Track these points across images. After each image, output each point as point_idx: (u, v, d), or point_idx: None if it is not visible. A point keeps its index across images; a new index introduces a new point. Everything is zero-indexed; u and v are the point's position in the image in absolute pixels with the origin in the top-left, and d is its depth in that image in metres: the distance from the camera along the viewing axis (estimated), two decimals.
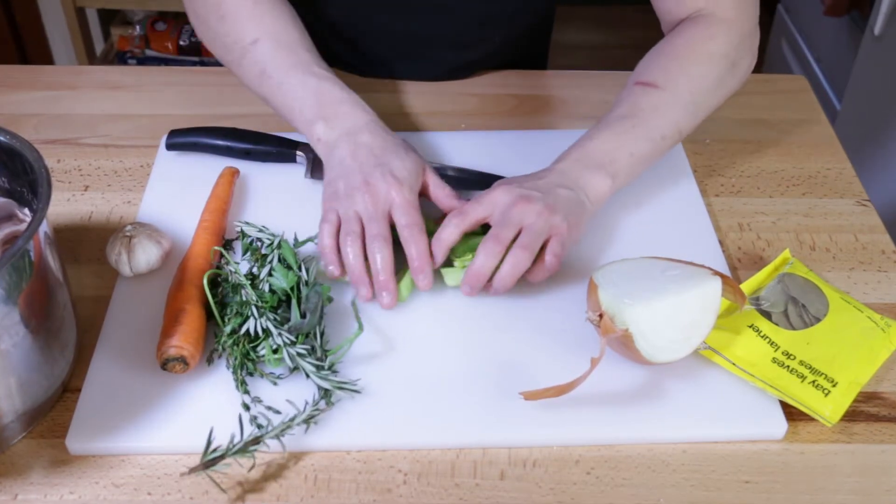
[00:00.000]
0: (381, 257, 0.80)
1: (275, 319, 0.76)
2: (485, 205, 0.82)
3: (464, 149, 1.01)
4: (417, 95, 1.11)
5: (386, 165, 0.83)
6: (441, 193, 0.86)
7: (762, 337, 0.78)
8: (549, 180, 0.84)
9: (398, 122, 1.06)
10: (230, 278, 0.80)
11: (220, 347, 0.77)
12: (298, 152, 0.96)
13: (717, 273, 0.76)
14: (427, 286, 0.81)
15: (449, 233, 0.82)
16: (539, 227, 0.80)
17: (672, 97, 0.88)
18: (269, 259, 0.81)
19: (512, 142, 1.01)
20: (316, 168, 0.95)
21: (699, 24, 0.92)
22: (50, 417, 0.75)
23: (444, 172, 0.95)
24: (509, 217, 0.80)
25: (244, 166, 0.97)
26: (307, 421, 0.72)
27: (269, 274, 0.79)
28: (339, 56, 1.13)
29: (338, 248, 0.82)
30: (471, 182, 0.95)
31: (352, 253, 0.80)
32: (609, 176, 0.85)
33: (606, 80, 1.13)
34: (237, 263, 0.82)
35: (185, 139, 0.98)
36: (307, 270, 0.81)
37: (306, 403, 0.73)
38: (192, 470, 0.68)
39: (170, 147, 0.98)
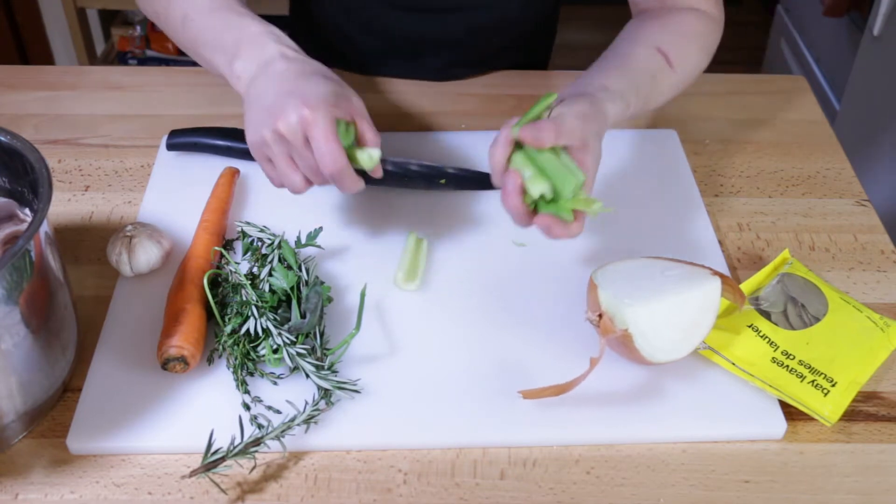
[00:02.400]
0: (313, 172, 0.78)
1: (275, 319, 0.76)
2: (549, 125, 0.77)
3: (464, 149, 1.01)
4: (418, 95, 1.11)
5: (293, 93, 0.77)
6: (364, 126, 0.80)
7: (761, 337, 0.78)
8: (600, 125, 0.80)
9: (398, 122, 1.06)
10: (230, 278, 0.80)
11: (221, 347, 0.77)
12: None
13: (716, 273, 0.77)
14: (353, 190, 0.79)
15: (500, 152, 0.78)
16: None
17: (677, 83, 0.91)
18: (269, 259, 0.81)
19: None
20: None
21: (700, 18, 0.93)
22: (51, 417, 0.75)
23: (443, 171, 0.95)
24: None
25: (244, 166, 0.97)
26: (307, 421, 0.72)
27: (270, 274, 0.80)
28: (342, 55, 1.13)
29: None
30: (470, 181, 0.95)
31: (296, 181, 0.79)
32: (623, 107, 0.85)
33: None
34: (237, 263, 0.82)
35: (185, 139, 0.98)
36: (307, 270, 0.81)
37: (306, 403, 0.73)
38: (194, 472, 0.68)
39: (170, 147, 0.98)
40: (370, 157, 0.79)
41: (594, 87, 0.83)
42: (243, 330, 0.76)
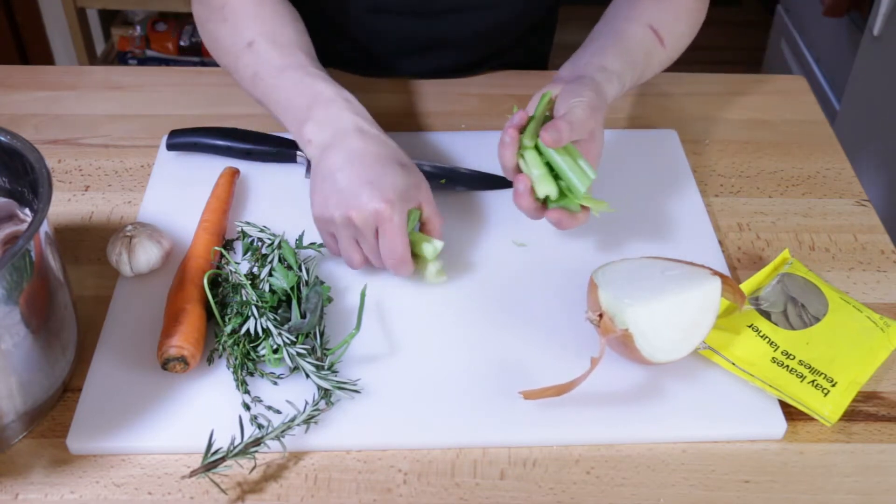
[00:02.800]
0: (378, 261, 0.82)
1: (275, 319, 0.76)
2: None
3: (464, 149, 1.01)
4: (418, 95, 1.11)
5: (374, 183, 0.78)
6: (432, 216, 0.84)
7: (761, 337, 0.78)
8: (603, 111, 0.84)
9: (399, 122, 1.06)
10: (230, 278, 0.80)
11: (221, 347, 0.77)
12: (298, 152, 0.97)
13: (716, 273, 0.77)
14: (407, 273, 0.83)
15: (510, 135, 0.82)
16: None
17: (667, 60, 0.94)
18: (269, 259, 0.81)
19: None
20: None
21: None
22: (51, 417, 0.75)
23: (445, 171, 0.95)
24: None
25: (244, 166, 0.97)
26: (307, 421, 0.72)
27: (270, 274, 0.80)
28: (341, 54, 1.13)
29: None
30: (472, 181, 0.95)
31: (356, 258, 0.83)
32: (616, 87, 0.88)
33: None
34: (237, 263, 0.82)
35: (185, 139, 0.98)
36: (307, 270, 0.81)
37: (306, 403, 0.73)
38: (194, 472, 0.68)
39: (170, 147, 0.98)
40: (434, 248, 0.83)
41: (593, 67, 0.86)
42: (243, 330, 0.76)
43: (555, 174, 0.81)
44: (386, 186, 0.78)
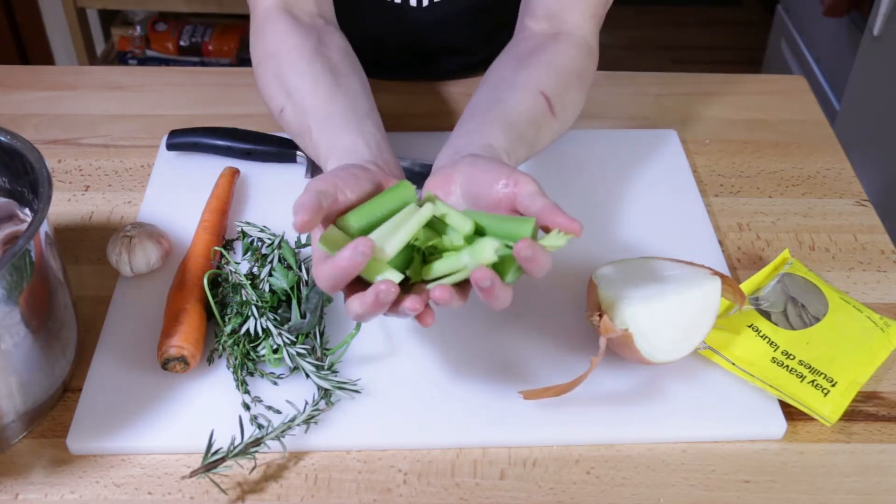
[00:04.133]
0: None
1: (275, 319, 0.76)
2: None
3: None
4: (419, 96, 1.11)
5: None
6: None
7: (761, 337, 0.78)
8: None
9: (399, 122, 1.06)
10: (230, 278, 0.80)
11: (221, 347, 0.77)
12: (298, 153, 0.97)
13: (716, 273, 0.77)
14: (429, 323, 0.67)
15: None
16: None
17: (559, 130, 0.84)
18: (269, 259, 0.81)
19: None
20: (316, 169, 0.95)
21: (581, 51, 0.87)
22: (51, 417, 0.75)
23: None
24: None
25: (244, 166, 0.97)
26: (307, 421, 0.72)
27: (270, 274, 0.80)
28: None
29: None
30: None
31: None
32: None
33: (606, 80, 1.13)
34: (237, 263, 0.82)
35: (185, 139, 0.98)
36: (307, 270, 0.81)
37: (306, 403, 0.73)
38: (194, 473, 0.68)
39: (170, 147, 0.98)
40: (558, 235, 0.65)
41: (475, 146, 0.74)
42: (243, 330, 0.76)
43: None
44: None
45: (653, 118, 1.08)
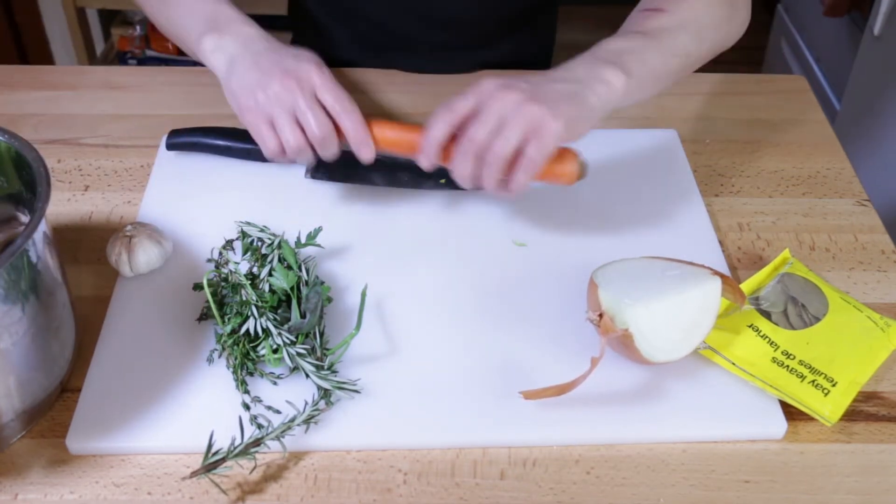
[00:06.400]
0: (332, 149, 0.82)
1: (275, 319, 0.76)
2: (470, 95, 0.77)
3: None
4: (418, 95, 1.11)
5: (294, 54, 0.83)
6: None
7: (762, 337, 0.78)
8: (548, 75, 0.78)
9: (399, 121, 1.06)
10: (230, 278, 0.80)
11: (220, 347, 0.77)
12: None
13: (716, 273, 0.76)
14: (369, 157, 0.83)
15: (438, 129, 0.78)
16: (519, 121, 0.74)
17: (679, 21, 0.86)
18: (269, 259, 0.81)
19: None
20: (315, 168, 0.95)
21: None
22: (50, 417, 0.75)
23: (442, 169, 0.95)
24: (487, 107, 0.75)
25: (245, 166, 0.97)
26: (307, 421, 0.72)
27: (269, 274, 0.79)
28: (342, 52, 1.14)
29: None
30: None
31: (293, 139, 0.81)
32: (623, 72, 0.79)
33: None
34: (237, 263, 0.82)
35: (185, 139, 0.98)
36: (307, 270, 0.81)
37: (306, 403, 0.73)
38: (194, 473, 0.68)
39: (170, 147, 0.98)
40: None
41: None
42: (243, 330, 0.76)
43: None
44: (305, 57, 0.84)
45: (653, 118, 1.08)
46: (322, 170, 0.93)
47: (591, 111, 0.77)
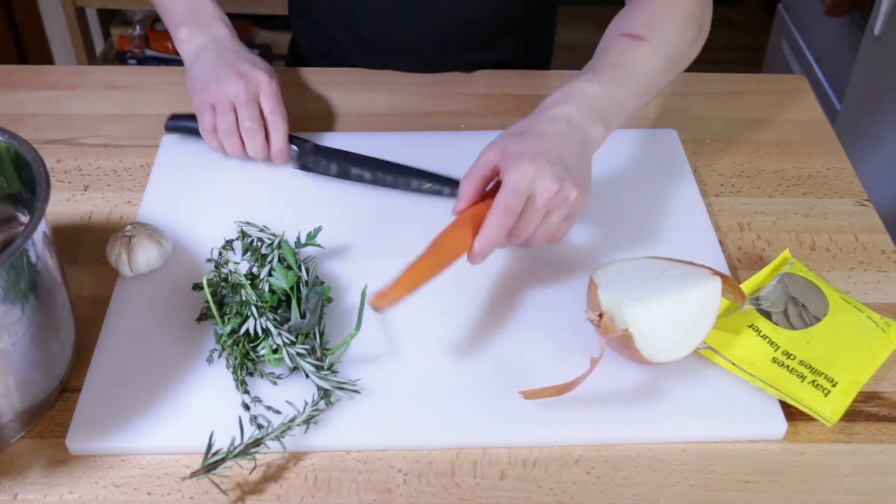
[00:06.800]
0: (255, 144, 0.94)
1: (275, 319, 0.76)
2: (522, 192, 0.76)
3: (463, 149, 1.01)
4: (418, 95, 1.11)
5: (252, 61, 0.95)
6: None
7: (762, 337, 0.78)
8: (567, 139, 0.79)
9: (398, 121, 1.06)
10: (230, 278, 0.80)
11: (220, 347, 0.77)
12: (293, 145, 0.96)
13: (717, 273, 0.76)
14: (284, 161, 0.96)
15: (497, 235, 0.77)
16: (565, 210, 0.78)
17: (657, 51, 0.87)
18: (269, 259, 0.81)
19: None
20: (304, 160, 0.96)
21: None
22: (50, 417, 0.75)
23: (423, 173, 0.95)
24: (538, 208, 0.77)
25: (245, 166, 0.97)
26: (307, 421, 0.72)
27: (269, 274, 0.79)
28: (341, 51, 1.14)
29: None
30: (452, 185, 0.95)
31: (229, 147, 0.95)
32: (605, 127, 0.82)
33: None
34: (237, 263, 0.82)
35: (185, 123, 0.98)
36: (307, 270, 0.81)
37: (306, 403, 0.73)
38: (194, 474, 0.68)
39: (169, 129, 0.99)
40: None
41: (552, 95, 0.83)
42: (243, 330, 0.76)
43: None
44: (260, 63, 0.96)
45: (653, 118, 1.08)
46: (311, 163, 0.96)
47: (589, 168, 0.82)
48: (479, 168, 0.80)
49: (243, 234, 0.86)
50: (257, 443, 0.69)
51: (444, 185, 0.94)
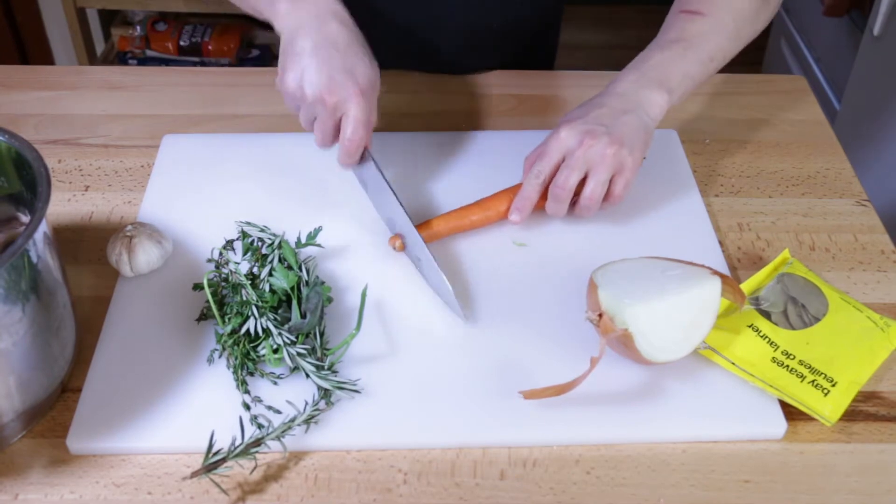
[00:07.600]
0: (323, 141, 0.85)
1: (275, 319, 0.76)
2: (554, 152, 0.85)
3: (464, 149, 1.01)
4: (418, 95, 1.11)
5: (350, 67, 0.82)
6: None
7: (762, 337, 0.78)
8: (613, 107, 0.86)
9: (398, 122, 1.06)
10: (230, 278, 0.80)
11: (221, 347, 0.77)
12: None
13: (716, 273, 0.77)
14: (353, 162, 0.85)
15: (532, 188, 0.85)
16: (608, 164, 0.83)
17: (717, 23, 0.91)
18: (269, 259, 0.81)
19: (512, 142, 1.01)
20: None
21: None
22: (50, 417, 0.75)
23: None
24: (575, 157, 0.83)
25: (246, 167, 0.97)
26: (307, 421, 0.72)
27: (270, 274, 0.80)
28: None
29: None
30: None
31: (309, 129, 0.85)
32: (666, 92, 0.87)
33: (606, 80, 1.13)
34: (237, 263, 0.82)
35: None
36: (307, 270, 0.81)
37: (306, 403, 0.73)
38: (195, 474, 0.68)
39: None
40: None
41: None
42: (243, 330, 0.76)
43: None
44: (360, 76, 0.82)
45: None
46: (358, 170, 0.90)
47: (649, 134, 0.87)
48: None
49: (244, 234, 0.86)
50: (258, 442, 0.69)
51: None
